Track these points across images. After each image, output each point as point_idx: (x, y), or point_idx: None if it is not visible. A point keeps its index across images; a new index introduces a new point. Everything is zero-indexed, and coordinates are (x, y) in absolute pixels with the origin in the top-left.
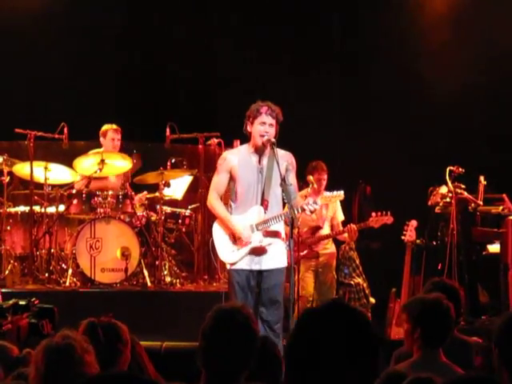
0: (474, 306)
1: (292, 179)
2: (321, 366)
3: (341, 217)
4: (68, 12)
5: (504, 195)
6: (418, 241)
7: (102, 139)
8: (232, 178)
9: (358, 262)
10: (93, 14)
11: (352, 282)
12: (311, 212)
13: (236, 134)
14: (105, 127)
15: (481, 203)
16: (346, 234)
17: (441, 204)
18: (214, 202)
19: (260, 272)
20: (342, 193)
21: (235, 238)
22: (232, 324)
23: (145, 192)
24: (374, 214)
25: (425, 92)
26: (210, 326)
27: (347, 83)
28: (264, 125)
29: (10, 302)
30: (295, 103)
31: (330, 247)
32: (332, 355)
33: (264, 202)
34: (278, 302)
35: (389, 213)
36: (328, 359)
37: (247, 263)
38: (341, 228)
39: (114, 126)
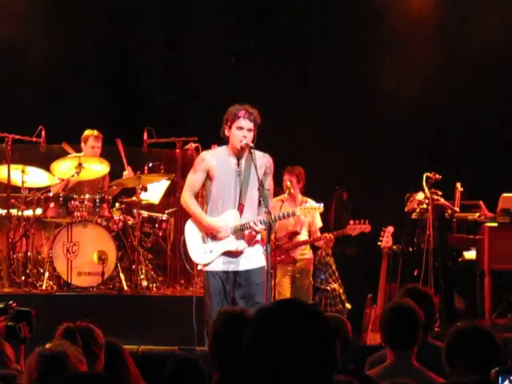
0: (449, 313)
1: (269, 183)
2: (277, 364)
3: (319, 223)
4: (47, 14)
5: (480, 202)
6: (394, 247)
7: (82, 144)
8: (209, 179)
9: (334, 267)
10: (72, 15)
11: (328, 288)
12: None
13: (214, 138)
14: (86, 133)
15: (457, 210)
16: (322, 242)
17: (417, 210)
18: (188, 199)
19: (236, 273)
20: (321, 206)
21: (208, 236)
22: (242, 325)
23: (117, 205)
24: (351, 221)
25: (400, 97)
26: (220, 330)
27: (322, 87)
28: (242, 129)
29: None
30: (271, 107)
31: (308, 253)
32: (286, 353)
33: (240, 206)
34: (258, 302)
35: (366, 221)
36: (283, 357)
37: (223, 265)
38: (318, 234)
39: (95, 133)
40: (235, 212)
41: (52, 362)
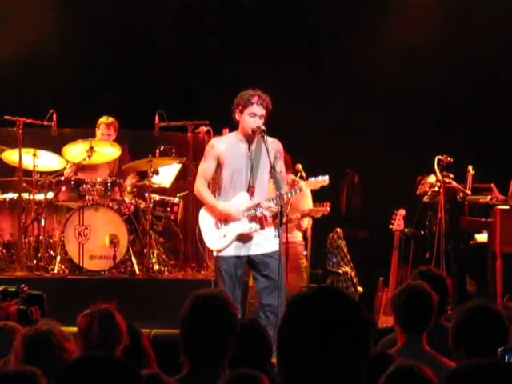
0: (461, 295)
1: (280, 167)
2: (311, 351)
3: (308, 205)
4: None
5: (492, 185)
6: (406, 230)
7: (97, 130)
8: (219, 165)
9: (345, 250)
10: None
11: (340, 271)
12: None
13: (225, 122)
14: (100, 119)
15: (469, 193)
16: (305, 222)
17: (429, 193)
18: (201, 188)
19: (250, 258)
20: (326, 178)
21: (222, 221)
22: (209, 309)
23: (130, 177)
24: (317, 204)
25: (412, 81)
26: (187, 313)
27: (334, 72)
28: (254, 116)
29: (0, 288)
30: (283, 91)
31: (297, 236)
32: (320, 340)
33: (250, 189)
34: (279, 285)
35: (327, 203)
36: (317, 344)
37: (235, 250)
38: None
39: (109, 120)
40: (246, 194)
41: (37, 342)
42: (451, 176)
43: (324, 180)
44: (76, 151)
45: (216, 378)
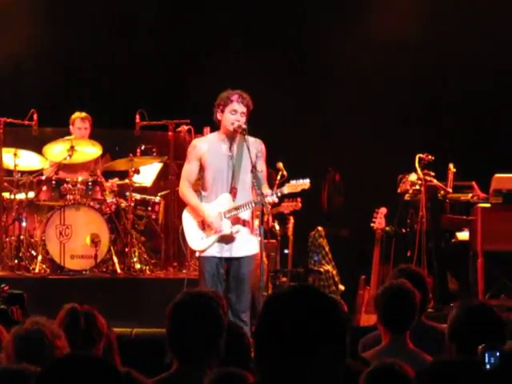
0: (443, 294)
1: (261, 166)
2: (286, 350)
3: None
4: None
5: (473, 183)
6: (387, 228)
7: (71, 127)
8: (201, 166)
9: (327, 249)
10: (68, 3)
11: (321, 269)
12: (269, 204)
13: (206, 121)
14: (73, 115)
15: (450, 191)
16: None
17: (410, 191)
18: (185, 190)
19: (229, 259)
20: (307, 181)
21: (205, 225)
22: (196, 308)
23: (115, 179)
24: (285, 199)
25: (392, 78)
26: (173, 311)
27: (314, 68)
28: (235, 113)
29: None
30: (263, 89)
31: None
32: (296, 339)
33: (233, 190)
34: (246, 290)
35: (298, 199)
36: (293, 343)
37: (217, 250)
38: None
39: (82, 115)
40: (228, 196)
41: (28, 340)
42: (432, 174)
43: (305, 183)
44: (57, 150)
45: (203, 376)
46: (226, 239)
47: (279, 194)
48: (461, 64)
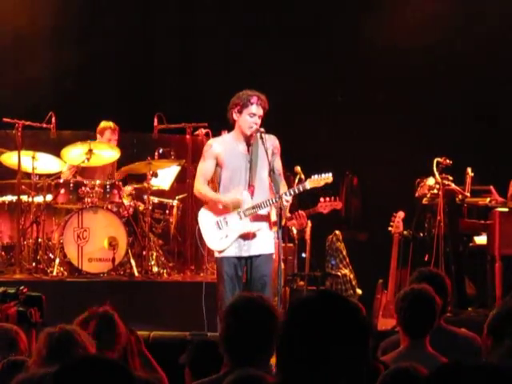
0: (460, 298)
1: (277, 163)
2: (309, 353)
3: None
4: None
5: (491, 187)
6: (405, 232)
7: (98, 136)
8: (218, 165)
9: (344, 253)
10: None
11: (339, 273)
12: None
13: (224, 124)
14: (102, 125)
15: (468, 195)
16: (294, 221)
17: (428, 196)
18: (201, 187)
19: (249, 259)
20: (330, 175)
21: (223, 221)
22: (256, 309)
23: (132, 186)
24: (322, 199)
25: (412, 82)
26: (232, 313)
27: (334, 71)
28: (254, 116)
29: None
30: (282, 91)
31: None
32: (320, 344)
33: (250, 188)
34: (269, 292)
35: (337, 198)
36: (316, 347)
37: (236, 250)
38: (288, 214)
39: (112, 126)
40: (246, 193)
41: (61, 338)
42: (450, 178)
43: (328, 177)
44: (75, 153)
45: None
46: (246, 237)
47: (301, 190)
48: (480, 66)
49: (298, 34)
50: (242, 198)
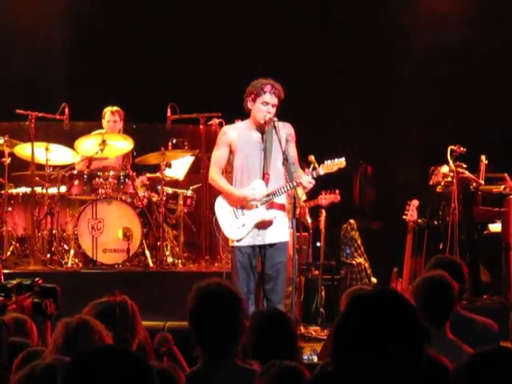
0: (475, 286)
1: (292, 150)
2: (366, 349)
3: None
4: None
5: (505, 174)
6: (419, 220)
7: (103, 121)
8: (232, 153)
9: (359, 242)
10: None
11: (354, 262)
12: (305, 187)
13: (237, 113)
14: (105, 109)
15: (482, 182)
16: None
17: (442, 183)
18: (215, 176)
19: (263, 247)
20: (343, 159)
21: (242, 209)
22: (215, 298)
23: (145, 175)
24: (323, 192)
25: (425, 70)
26: (193, 305)
27: (347, 62)
28: (267, 105)
29: (15, 281)
30: (295, 81)
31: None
32: (377, 342)
33: (265, 176)
34: (283, 280)
35: (337, 191)
36: (373, 345)
37: (250, 239)
38: (302, 203)
39: (113, 108)
40: (261, 182)
41: (78, 328)
42: (464, 166)
43: (341, 162)
44: (88, 145)
45: (231, 366)
46: (262, 225)
47: (315, 176)
48: (494, 54)
49: (311, 24)
50: (255, 195)
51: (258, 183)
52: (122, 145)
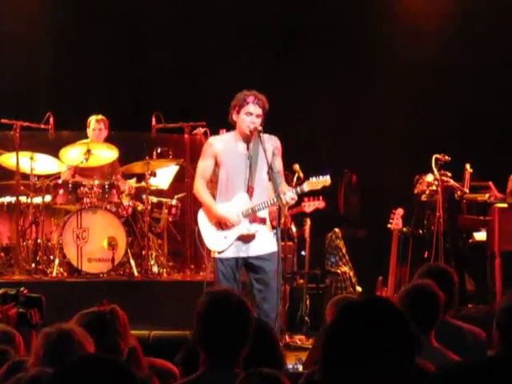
0: (460, 294)
1: (278, 164)
2: (355, 357)
3: None
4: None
5: (490, 183)
6: (404, 229)
7: (88, 130)
8: (217, 164)
9: (344, 250)
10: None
11: (339, 271)
12: (287, 203)
13: (222, 123)
14: (90, 117)
15: (467, 191)
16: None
17: (427, 192)
18: (199, 188)
19: (248, 260)
20: (328, 178)
21: (221, 225)
22: (227, 305)
23: (134, 179)
24: (306, 199)
25: (411, 79)
26: (205, 309)
27: (333, 73)
28: (251, 115)
29: (0, 291)
30: (279, 90)
31: None
32: (366, 349)
33: (249, 189)
34: (274, 289)
35: (320, 197)
36: (362, 353)
37: (234, 251)
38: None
39: (98, 117)
40: (245, 195)
41: (58, 339)
42: (449, 175)
43: (326, 180)
44: (73, 154)
45: (233, 375)
46: (245, 239)
47: (299, 192)
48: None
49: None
50: (237, 222)
51: (241, 196)
52: (106, 154)
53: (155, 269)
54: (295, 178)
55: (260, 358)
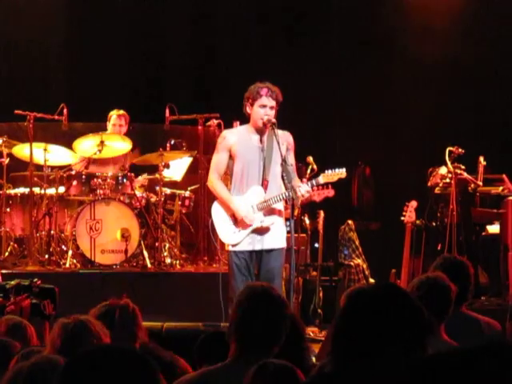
0: (473, 287)
1: (291, 159)
2: (366, 344)
3: None
4: None
5: (504, 176)
6: (417, 221)
7: (107, 123)
8: (231, 157)
9: (357, 242)
10: None
11: (352, 263)
12: (302, 196)
13: (236, 114)
14: (111, 112)
15: (480, 184)
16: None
17: (440, 185)
18: (214, 182)
19: (260, 252)
20: (343, 170)
21: (237, 220)
22: (270, 297)
23: (145, 175)
24: (315, 188)
25: (424, 72)
26: (247, 299)
27: (347, 64)
28: (264, 107)
29: (13, 282)
30: (294, 83)
31: None
32: (377, 334)
33: (264, 182)
34: (278, 284)
35: (329, 186)
36: (373, 339)
37: (249, 243)
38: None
39: (120, 112)
40: (260, 188)
41: (75, 329)
42: (462, 167)
43: (341, 172)
44: (87, 145)
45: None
46: (260, 231)
47: (314, 185)
48: (494, 54)
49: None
50: (251, 221)
51: (256, 189)
52: (120, 145)
53: (168, 260)
54: (309, 170)
55: (284, 350)
